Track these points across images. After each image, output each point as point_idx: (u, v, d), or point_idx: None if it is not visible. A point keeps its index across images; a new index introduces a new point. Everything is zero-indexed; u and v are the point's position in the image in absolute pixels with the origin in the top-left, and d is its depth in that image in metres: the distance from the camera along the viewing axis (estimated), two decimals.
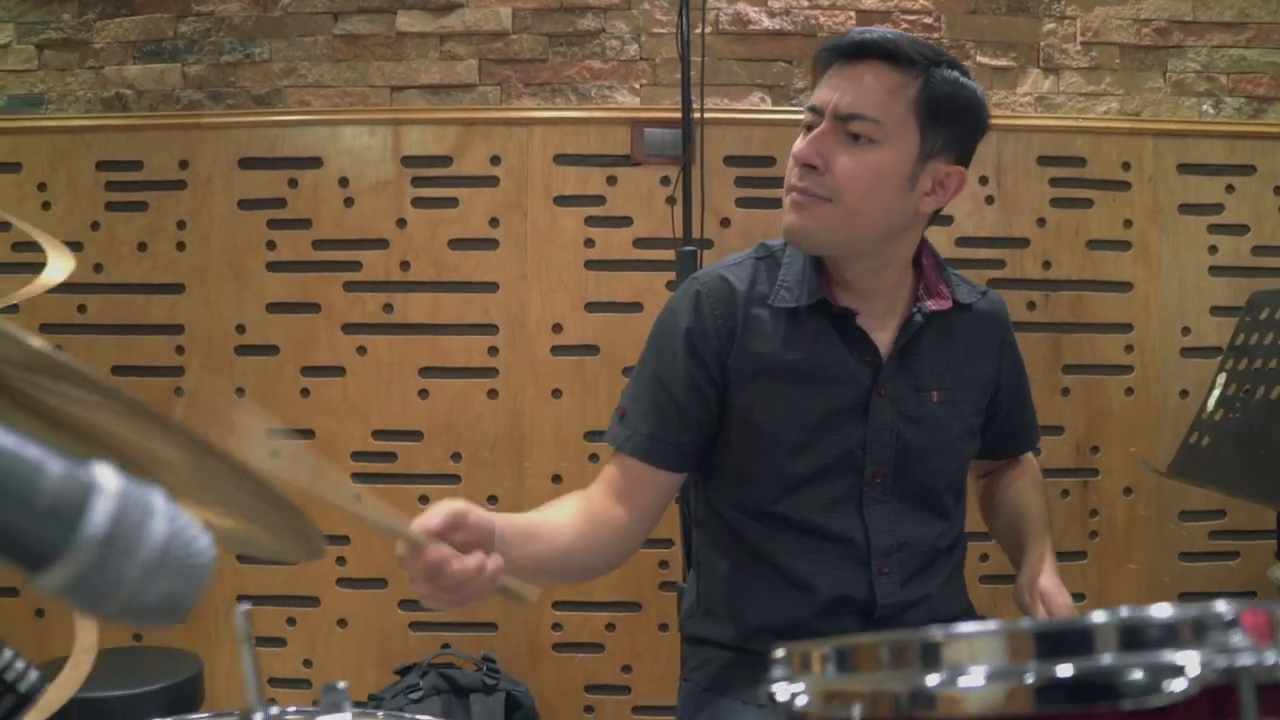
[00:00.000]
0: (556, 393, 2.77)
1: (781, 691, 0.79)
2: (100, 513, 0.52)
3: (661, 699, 2.74)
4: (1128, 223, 2.82)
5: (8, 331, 0.65)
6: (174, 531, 0.56)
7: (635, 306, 2.77)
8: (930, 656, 0.81)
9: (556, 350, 2.78)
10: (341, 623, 2.79)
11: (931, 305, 1.74)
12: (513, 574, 1.41)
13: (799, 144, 1.64)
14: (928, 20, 2.89)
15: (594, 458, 2.74)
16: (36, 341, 0.73)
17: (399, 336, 2.79)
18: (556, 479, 2.76)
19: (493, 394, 2.78)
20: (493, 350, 2.78)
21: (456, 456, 2.78)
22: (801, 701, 0.78)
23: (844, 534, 1.71)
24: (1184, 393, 2.80)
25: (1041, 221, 2.81)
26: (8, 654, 1.06)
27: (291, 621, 2.80)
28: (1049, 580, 1.72)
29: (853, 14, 2.89)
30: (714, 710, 1.74)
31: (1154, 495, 2.80)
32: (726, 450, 1.74)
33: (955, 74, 1.65)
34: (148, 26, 2.94)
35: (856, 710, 0.78)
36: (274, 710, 0.84)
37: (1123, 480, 2.81)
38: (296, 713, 1.05)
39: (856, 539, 1.71)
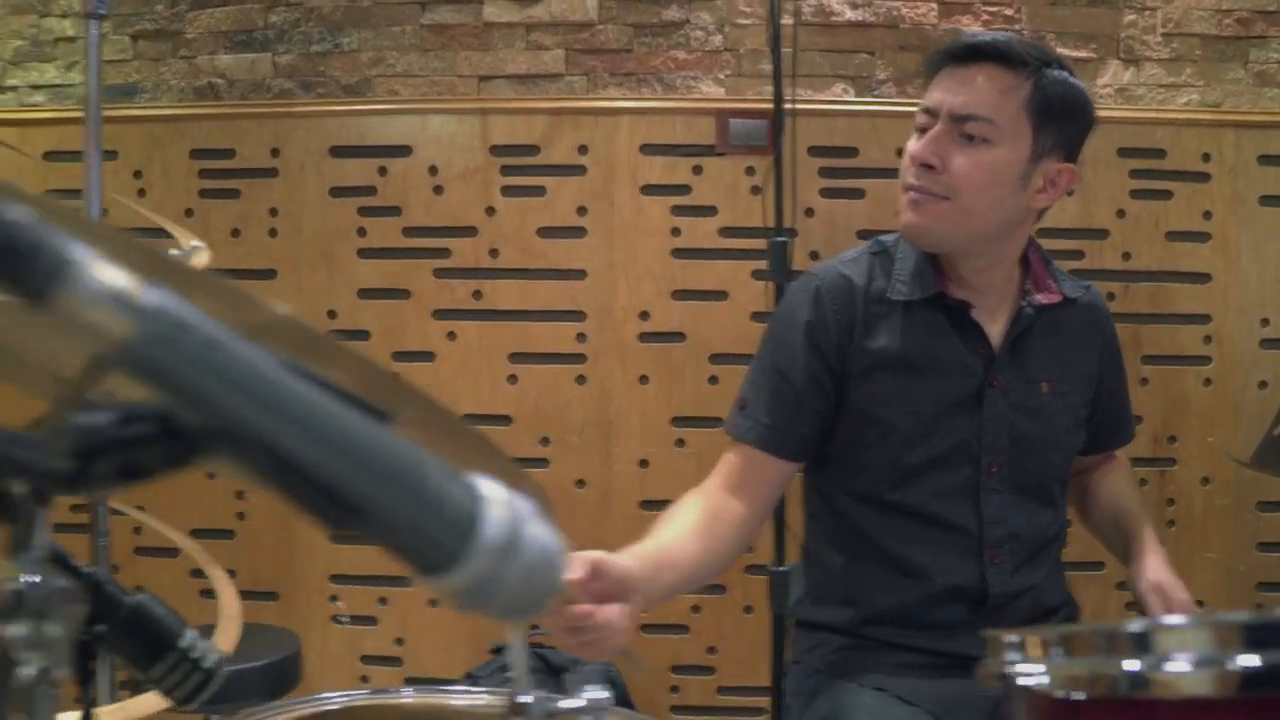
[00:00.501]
0: (644, 379, 2.82)
1: (1023, 674, 0.84)
2: (494, 521, 0.56)
3: (745, 679, 2.79)
4: (1207, 214, 2.84)
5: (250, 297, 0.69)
6: (543, 531, 0.60)
7: (720, 295, 2.82)
8: (1143, 644, 0.86)
9: (644, 337, 2.82)
10: (432, 602, 2.85)
11: (1041, 299, 1.78)
12: (651, 603, 1.49)
13: (914, 144, 1.69)
14: (1009, 12, 2.91)
15: (680, 443, 2.79)
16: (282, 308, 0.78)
17: (488, 323, 2.84)
18: (643, 463, 2.81)
19: (581, 380, 2.83)
20: (580, 337, 2.83)
21: (545, 441, 2.83)
22: (1042, 683, 0.83)
23: (958, 523, 1.76)
24: (1263, 384, 2.82)
25: (1121, 213, 2.84)
26: (191, 634, 1.12)
27: (384, 601, 2.86)
28: (1165, 574, 1.76)
29: (934, 6, 2.92)
30: (832, 693, 1.79)
31: (1231, 485, 2.83)
32: (842, 440, 1.79)
33: (1064, 74, 1.70)
34: (239, 17, 2.99)
35: (1083, 691, 0.83)
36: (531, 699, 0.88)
37: (1200, 470, 2.84)
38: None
39: (970, 528, 1.76)
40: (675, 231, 2.83)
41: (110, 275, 0.45)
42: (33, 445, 0.53)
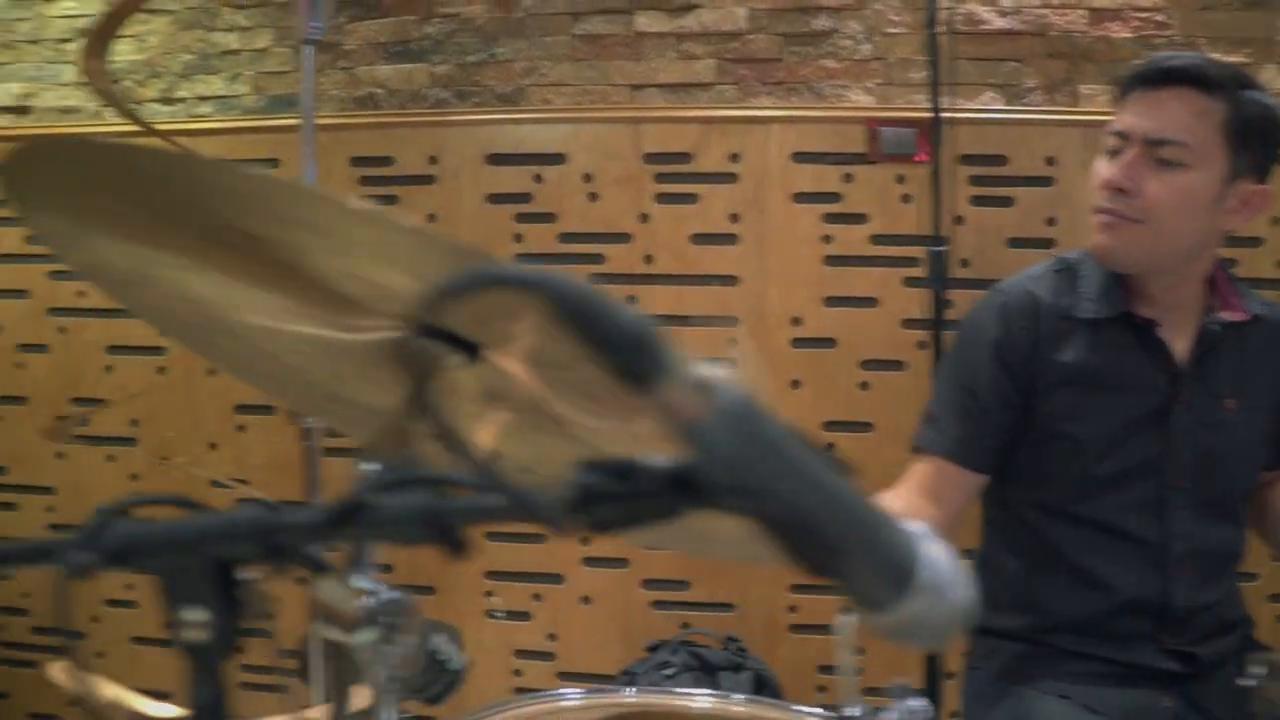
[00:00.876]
0: (796, 384, 2.87)
1: None
2: (930, 561, 0.62)
3: (890, 681, 2.82)
4: None
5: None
6: (952, 561, 0.66)
7: (871, 301, 2.85)
8: None
9: (796, 343, 2.87)
10: (585, 599, 2.93)
11: (1226, 316, 1.80)
12: None
13: (1105, 167, 1.72)
14: (1159, 18, 2.90)
15: (831, 447, 2.83)
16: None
17: None
18: None
19: None
20: (734, 342, 2.88)
21: None
22: None
23: (1142, 537, 1.79)
24: None
25: (1277, 220, 2.82)
26: (438, 638, 1.19)
27: (537, 597, 2.95)
28: None
29: (1084, 13, 2.91)
30: (1013, 699, 1.83)
31: None
32: (1028, 452, 1.82)
33: (1259, 95, 1.71)
34: (396, 29, 3.07)
35: None
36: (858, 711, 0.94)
37: None
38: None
39: (1154, 542, 1.79)
40: (826, 239, 2.87)
41: (696, 368, 0.52)
42: (538, 494, 0.59)
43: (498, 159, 2.97)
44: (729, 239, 2.89)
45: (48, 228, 0.98)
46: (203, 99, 3.20)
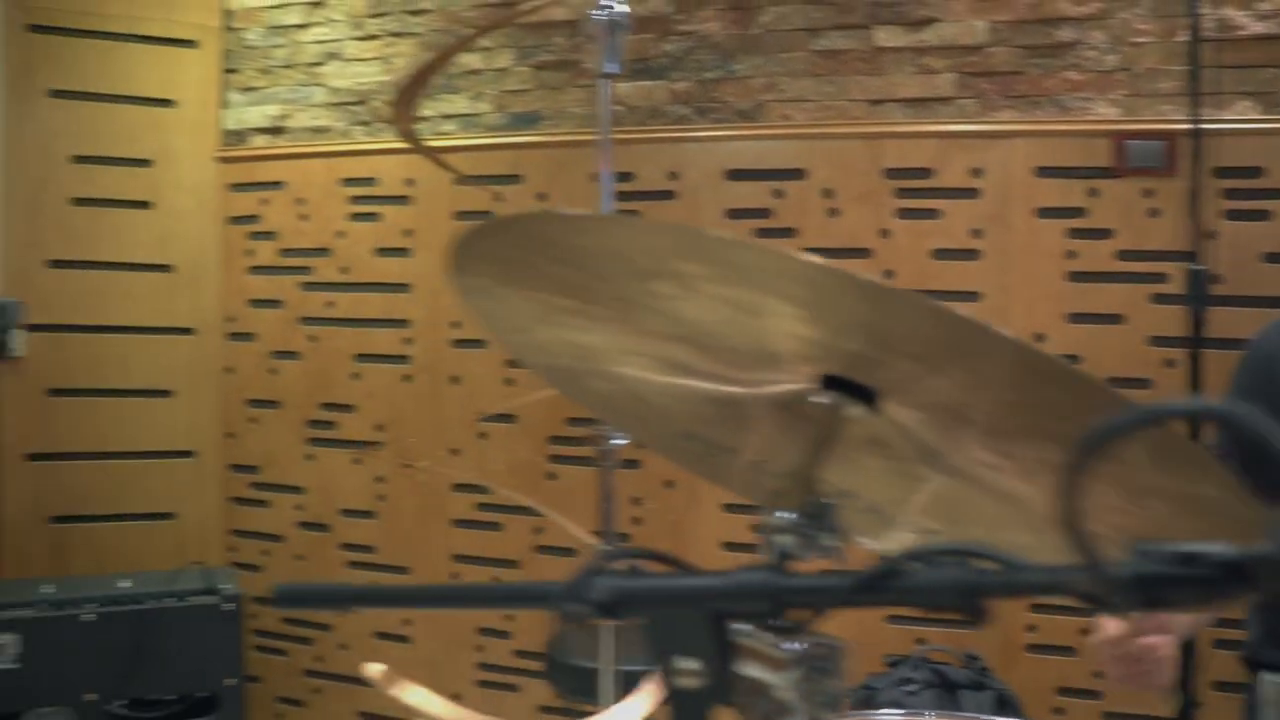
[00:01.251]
0: None
1: None
2: None
3: (1132, 707, 2.78)
4: None
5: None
6: None
7: (1117, 318, 2.80)
8: None
9: None
10: None
11: None
12: (1186, 634, 1.54)
13: None
14: None
15: None
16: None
17: None
18: None
19: None
20: None
21: None
22: None
23: None
24: None
25: None
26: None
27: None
28: None
29: None
30: None
31: None
32: None
33: None
34: (636, 46, 3.14)
35: None
36: None
37: None
38: None
39: None
40: (1071, 254, 2.83)
41: None
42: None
43: (737, 174, 3.02)
44: (971, 254, 2.88)
45: (469, 285, 1.05)
46: (447, 117, 3.33)
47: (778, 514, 0.96)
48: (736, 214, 3.01)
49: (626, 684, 2.50)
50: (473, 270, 1.04)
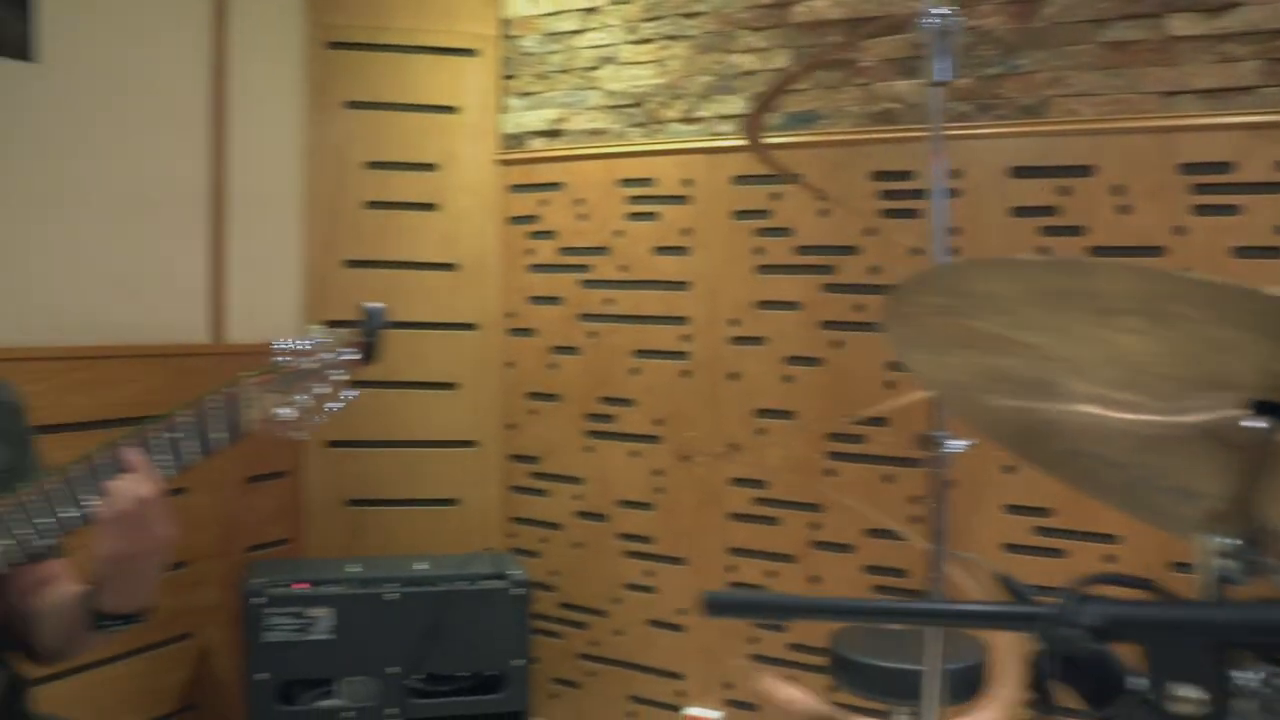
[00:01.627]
0: None
1: None
2: None
3: None
4: None
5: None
6: None
7: None
8: None
9: None
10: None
11: None
12: None
13: None
14: None
15: None
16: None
17: None
18: None
19: None
20: None
21: None
22: None
23: None
24: None
25: None
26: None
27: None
28: None
29: None
30: None
31: None
32: None
33: None
34: (913, 44, 3.13)
35: None
36: None
37: None
38: None
39: None
40: None
41: None
42: None
43: (1021, 171, 2.98)
44: (1274, 252, 2.77)
45: (900, 338, 1.10)
46: (723, 118, 3.39)
47: (1216, 539, 0.98)
48: (1020, 212, 2.97)
49: (915, 684, 2.52)
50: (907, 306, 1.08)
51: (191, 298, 3.40)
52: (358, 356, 1.47)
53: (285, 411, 1.42)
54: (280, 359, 1.45)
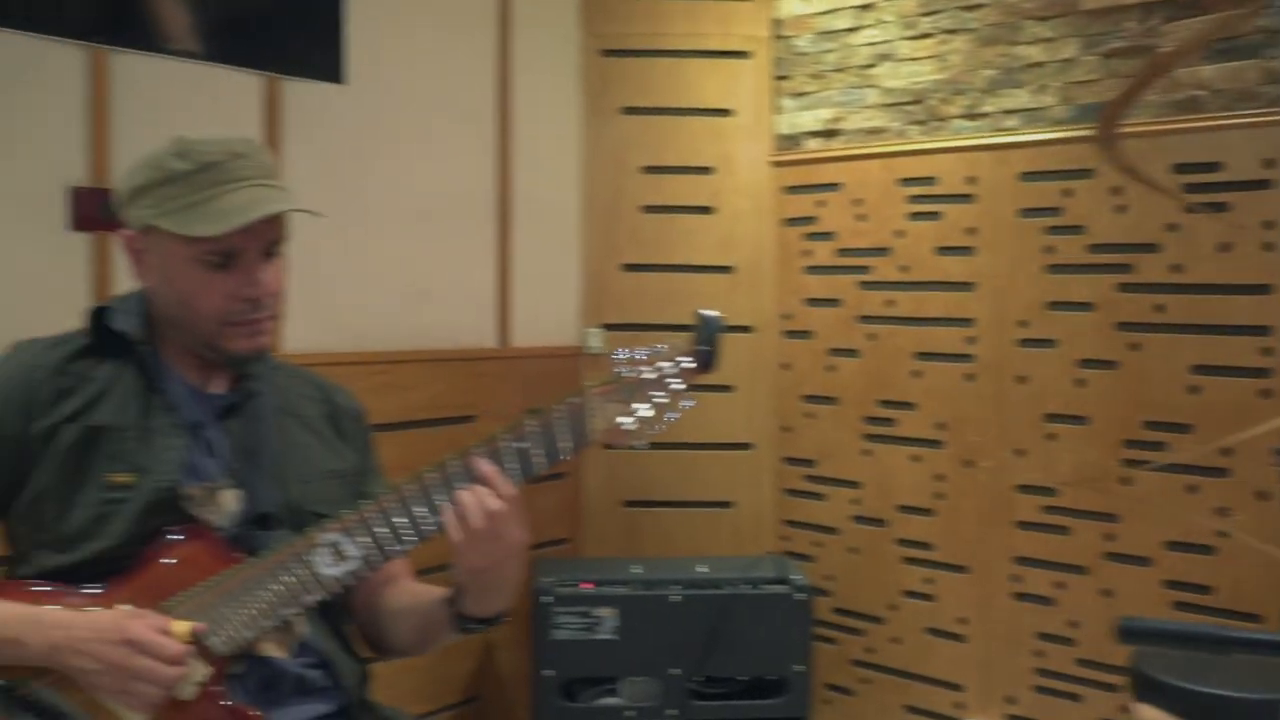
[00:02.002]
0: None
1: None
2: None
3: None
4: None
5: None
6: None
7: None
8: None
9: None
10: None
11: None
12: None
13: None
14: None
15: None
16: None
17: None
18: None
19: None
20: None
21: None
22: None
23: None
24: None
25: None
26: None
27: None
28: None
29: None
30: None
31: None
32: None
33: None
34: (1221, 24, 2.94)
35: None
36: None
37: None
38: None
39: None
40: None
41: None
42: None
43: None
44: None
45: None
46: (1008, 113, 3.28)
47: None
48: None
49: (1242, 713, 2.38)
50: None
51: (480, 303, 3.53)
52: (695, 365, 1.48)
53: (627, 421, 1.44)
54: (621, 369, 1.47)
